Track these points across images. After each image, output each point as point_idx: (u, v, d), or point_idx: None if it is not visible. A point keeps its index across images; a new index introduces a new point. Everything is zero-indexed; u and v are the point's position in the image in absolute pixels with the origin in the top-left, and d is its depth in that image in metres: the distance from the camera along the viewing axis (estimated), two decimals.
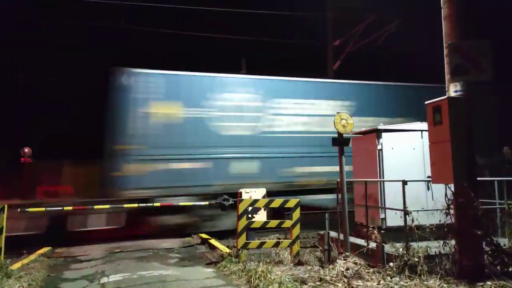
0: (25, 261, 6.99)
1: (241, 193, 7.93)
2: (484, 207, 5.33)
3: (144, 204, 8.74)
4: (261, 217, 7.54)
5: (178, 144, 9.72)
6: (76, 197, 10.07)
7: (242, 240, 6.62)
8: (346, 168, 6.62)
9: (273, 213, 8.04)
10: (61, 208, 8.11)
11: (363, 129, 7.72)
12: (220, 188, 9.88)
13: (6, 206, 6.36)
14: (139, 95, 9.58)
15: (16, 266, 6.50)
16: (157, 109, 9.64)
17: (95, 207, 8.44)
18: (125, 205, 8.63)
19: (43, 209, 7.97)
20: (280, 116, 10.87)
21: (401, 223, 5.85)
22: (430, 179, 5.83)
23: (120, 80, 9.57)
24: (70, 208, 8.18)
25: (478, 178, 5.42)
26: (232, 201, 9.49)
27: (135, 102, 9.53)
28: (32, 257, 7.41)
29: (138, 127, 9.48)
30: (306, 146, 10.81)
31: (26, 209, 7.83)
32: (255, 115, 10.62)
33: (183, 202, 9.36)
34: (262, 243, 6.80)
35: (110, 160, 9.34)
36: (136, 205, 8.68)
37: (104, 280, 6.02)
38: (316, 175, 10.78)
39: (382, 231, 6.56)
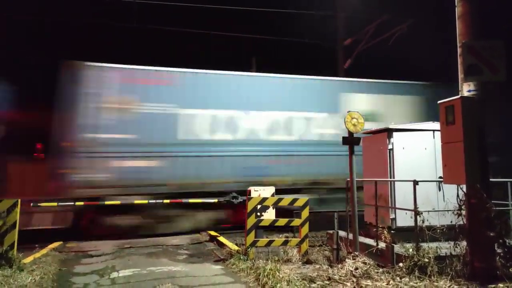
0: (37, 255, 7.10)
1: (250, 191, 7.93)
2: (497, 208, 5.26)
3: (154, 201, 8.80)
4: (269, 215, 7.54)
5: None
6: None
7: (250, 238, 6.64)
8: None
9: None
10: (72, 203, 8.21)
11: (373, 128, 7.67)
12: None
13: (19, 200, 6.45)
14: None
15: (28, 259, 6.60)
16: None
17: (106, 203, 8.52)
18: (136, 202, 8.70)
19: (55, 204, 8.08)
20: None
21: (412, 224, 5.80)
22: (442, 179, 5.78)
23: None
24: (82, 203, 8.28)
25: (491, 179, 5.35)
26: (241, 198, 9.51)
27: None
28: (44, 251, 7.53)
29: None
30: None
31: (39, 204, 7.94)
32: None
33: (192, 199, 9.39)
34: (270, 241, 6.81)
35: None
36: (146, 201, 8.75)
37: (114, 275, 6.09)
38: None
39: (392, 231, 6.52)
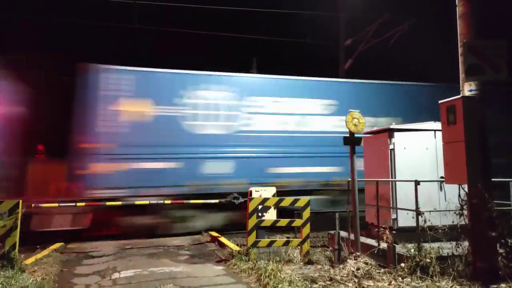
0: (39, 256, 7.09)
1: (251, 191, 7.93)
2: (498, 208, 5.24)
3: (155, 202, 8.80)
4: (271, 215, 7.53)
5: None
6: None
7: (252, 238, 6.63)
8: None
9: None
10: (74, 204, 8.21)
11: (375, 128, 7.66)
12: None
13: (20, 201, 6.46)
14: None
15: (29, 260, 6.59)
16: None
17: (107, 203, 8.52)
18: (136, 202, 8.70)
19: (56, 204, 8.08)
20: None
21: (413, 224, 5.79)
22: (443, 179, 5.77)
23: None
24: (83, 204, 8.28)
25: (492, 179, 5.34)
26: (243, 199, 9.50)
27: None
28: (45, 252, 7.52)
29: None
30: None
31: (40, 205, 7.95)
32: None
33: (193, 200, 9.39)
34: (272, 242, 6.80)
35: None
36: (147, 202, 8.75)
37: (116, 275, 6.09)
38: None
39: (394, 232, 6.51)
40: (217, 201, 9.41)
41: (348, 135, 6.60)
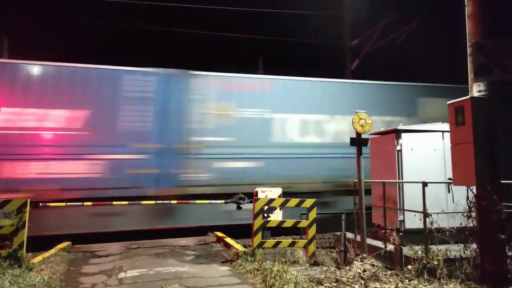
0: (46, 255, 7.14)
1: (257, 192, 7.92)
2: (508, 210, 5.17)
3: (161, 202, 8.83)
4: (276, 216, 7.52)
5: None
6: None
7: (257, 239, 6.62)
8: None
9: None
10: (81, 203, 8.26)
11: (382, 129, 7.61)
12: None
13: (28, 200, 6.51)
14: None
15: (37, 259, 6.64)
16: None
17: (114, 203, 8.56)
18: (143, 202, 8.73)
19: (64, 203, 8.13)
20: None
21: (420, 226, 5.75)
22: (451, 181, 5.70)
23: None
24: (90, 203, 8.33)
25: (502, 181, 5.27)
26: (248, 200, 9.48)
27: None
28: (53, 251, 7.57)
29: None
30: None
31: (48, 204, 8.00)
32: None
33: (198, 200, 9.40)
34: (277, 243, 6.78)
35: None
36: (153, 202, 8.78)
37: (122, 275, 6.11)
38: None
39: (401, 233, 6.46)
40: (223, 201, 9.39)
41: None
